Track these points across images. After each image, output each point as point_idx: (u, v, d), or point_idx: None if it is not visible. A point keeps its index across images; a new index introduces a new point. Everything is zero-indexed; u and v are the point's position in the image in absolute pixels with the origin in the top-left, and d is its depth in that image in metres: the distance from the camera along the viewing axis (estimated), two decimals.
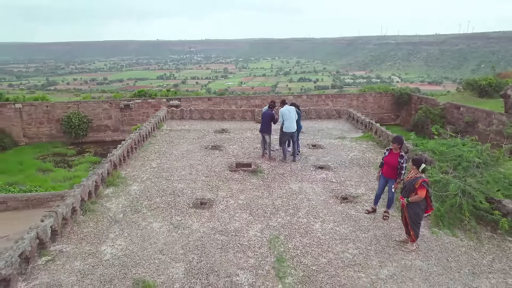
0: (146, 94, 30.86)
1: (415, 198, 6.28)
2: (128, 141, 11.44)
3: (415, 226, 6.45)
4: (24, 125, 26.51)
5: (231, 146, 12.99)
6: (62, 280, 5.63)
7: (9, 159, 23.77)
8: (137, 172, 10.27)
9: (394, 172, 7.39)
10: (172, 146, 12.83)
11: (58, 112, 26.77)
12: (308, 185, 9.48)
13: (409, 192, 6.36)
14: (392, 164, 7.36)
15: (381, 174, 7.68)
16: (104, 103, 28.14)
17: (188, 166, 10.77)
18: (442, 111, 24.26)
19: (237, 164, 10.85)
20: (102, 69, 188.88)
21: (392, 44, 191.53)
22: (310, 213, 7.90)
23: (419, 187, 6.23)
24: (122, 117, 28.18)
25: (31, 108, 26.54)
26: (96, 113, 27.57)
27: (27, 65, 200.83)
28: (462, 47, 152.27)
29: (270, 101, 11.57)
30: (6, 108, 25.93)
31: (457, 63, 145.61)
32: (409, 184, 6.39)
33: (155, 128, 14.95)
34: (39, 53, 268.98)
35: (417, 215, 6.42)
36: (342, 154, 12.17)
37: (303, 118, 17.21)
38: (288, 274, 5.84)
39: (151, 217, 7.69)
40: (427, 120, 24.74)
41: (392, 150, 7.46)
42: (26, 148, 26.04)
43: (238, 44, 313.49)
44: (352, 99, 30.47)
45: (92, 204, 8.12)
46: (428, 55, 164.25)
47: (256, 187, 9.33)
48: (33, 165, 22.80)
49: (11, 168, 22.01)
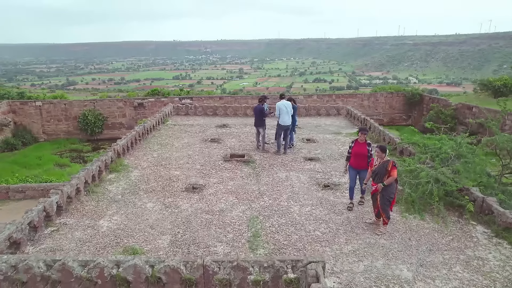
0: (159, 93, 31.80)
1: (390, 180, 6.78)
2: (133, 133, 12.35)
3: (387, 207, 6.97)
4: (43, 122, 27.72)
5: (229, 139, 13.75)
6: (64, 245, 6.50)
7: (29, 154, 25.04)
8: (139, 161, 11.16)
9: (364, 162, 7.82)
10: (174, 139, 13.70)
11: (75, 110, 27.87)
12: (294, 174, 10.14)
13: (382, 177, 6.87)
14: (362, 153, 7.83)
15: (349, 166, 8.08)
16: (119, 101, 29.08)
17: (186, 156, 11.59)
18: (454, 112, 24.00)
19: (231, 155, 11.60)
20: (120, 69, 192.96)
21: (409, 44, 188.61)
22: (291, 198, 8.57)
23: (392, 168, 6.78)
24: (136, 115, 29.08)
25: (50, 106, 27.75)
26: (111, 111, 28.54)
27: (49, 65, 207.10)
28: (483, 47, 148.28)
29: (260, 96, 12.25)
30: (27, 106, 27.23)
31: (477, 63, 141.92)
32: (381, 169, 6.91)
33: (160, 122, 15.86)
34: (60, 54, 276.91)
35: (389, 197, 6.92)
36: (334, 147, 12.76)
37: (303, 115, 17.88)
38: (261, 247, 6.54)
39: (146, 198, 8.52)
40: (439, 120, 24.58)
41: (358, 140, 7.94)
42: (45, 144, 27.23)
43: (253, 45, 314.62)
44: (363, 99, 30.30)
45: (95, 186, 9.02)
46: (447, 56, 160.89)
47: (246, 175, 10.05)
48: (51, 160, 23.94)
49: (30, 163, 23.26)
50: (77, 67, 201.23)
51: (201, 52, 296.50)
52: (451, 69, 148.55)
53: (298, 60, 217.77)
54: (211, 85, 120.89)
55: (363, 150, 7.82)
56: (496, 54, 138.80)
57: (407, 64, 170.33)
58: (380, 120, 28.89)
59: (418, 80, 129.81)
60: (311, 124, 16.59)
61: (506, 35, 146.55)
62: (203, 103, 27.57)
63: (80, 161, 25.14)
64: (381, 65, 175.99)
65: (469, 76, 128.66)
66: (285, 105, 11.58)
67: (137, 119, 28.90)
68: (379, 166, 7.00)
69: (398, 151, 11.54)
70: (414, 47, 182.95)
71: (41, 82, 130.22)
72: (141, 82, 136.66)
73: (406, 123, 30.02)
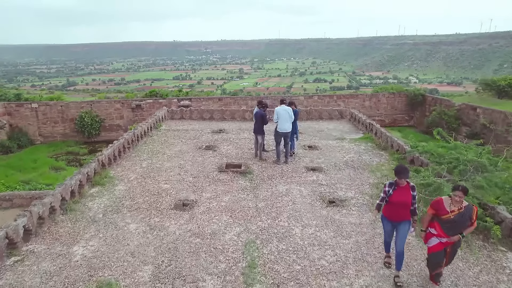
0: (157, 94, 31.12)
1: (470, 229, 5.23)
2: (120, 141, 11.41)
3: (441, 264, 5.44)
4: (39, 124, 27.08)
5: (225, 146, 12.81)
6: (26, 281, 5.55)
7: (24, 157, 24.36)
8: (126, 172, 10.21)
9: (406, 212, 5.55)
10: (166, 146, 12.75)
11: (72, 111, 27.27)
12: (296, 187, 9.20)
13: (462, 226, 5.16)
14: (405, 203, 5.48)
15: (384, 217, 5.77)
16: (116, 103, 28.48)
17: (178, 167, 10.64)
18: (457, 112, 23.20)
19: (227, 164, 10.66)
20: (120, 69, 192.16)
21: (409, 44, 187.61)
22: (293, 217, 7.63)
23: (475, 216, 5.18)
24: (133, 117, 28.49)
25: (46, 107, 27.11)
26: (109, 112, 27.93)
27: (49, 66, 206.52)
28: (483, 47, 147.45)
29: (258, 101, 11.30)
30: (23, 108, 26.59)
31: (478, 63, 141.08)
32: (463, 217, 5.11)
33: (153, 127, 14.92)
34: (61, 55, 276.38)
35: (458, 248, 5.54)
36: (338, 156, 11.81)
37: (304, 119, 16.94)
38: (257, 281, 5.59)
39: (129, 218, 7.58)
40: (442, 121, 23.83)
41: (398, 184, 5.52)
42: (41, 146, 26.55)
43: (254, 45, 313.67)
44: (364, 99, 29.63)
45: (75, 203, 8.08)
46: (447, 55, 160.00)
47: (242, 188, 9.10)
48: (46, 163, 23.19)
49: (25, 166, 22.54)
50: (78, 67, 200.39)
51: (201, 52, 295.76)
52: (451, 68, 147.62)
53: (298, 60, 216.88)
54: (211, 86, 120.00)
55: (407, 197, 5.47)
56: (496, 54, 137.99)
57: (407, 63, 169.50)
58: (382, 121, 28.35)
59: (419, 80, 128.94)
60: (312, 128, 15.64)
61: (507, 35, 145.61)
62: (202, 104, 27.03)
63: (76, 164, 24.40)
64: (381, 65, 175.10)
65: (469, 76, 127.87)
66: (285, 110, 10.65)
67: (135, 121, 28.18)
68: (459, 213, 5.12)
69: (408, 159, 10.60)
70: (414, 47, 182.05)
71: (42, 83, 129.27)
72: (141, 83, 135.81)
73: (408, 124, 29.40)
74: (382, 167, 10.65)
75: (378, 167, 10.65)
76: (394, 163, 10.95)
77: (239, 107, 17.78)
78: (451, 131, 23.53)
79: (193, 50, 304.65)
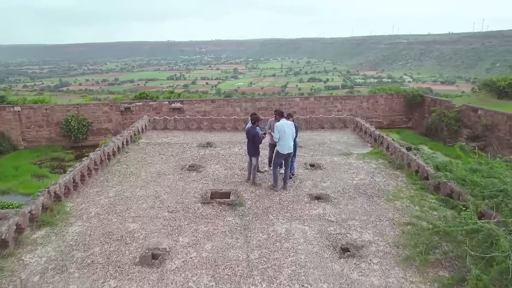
0: (147, 97, 29.81)
1: None
2: (85, 163, 9.42)
3: None
4: (23, 128, 25.59)
5: (212, 165, 10.87)
6: None
7: (6, 164, 22.66)
8: (87, 205, 8.23)
9: None
10: (143, 166, 10.79)
11: (58, 115, 25.87)
12: (298, 226, 7.29)
13: None
14: None
15: None
16: (105, 105, 27.11)
17: (153, 196, 8.68)
18: (458, 114, 22.14)
19: (212, 193, 8.72)
20: (114, 70, 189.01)
21: (403, 43, 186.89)
22: (296, 276, 5.72)
23: None
24: (123, 120, 27.14)
25: (30, 111, 25.65)
26: (96, 116, 26.62)
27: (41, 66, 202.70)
28: (476, 46, 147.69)
29: (251, 114, 9.36)
30: (5, 111, 25.00)
31: (471, 62, 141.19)
32: None
33: (130, 141, 12.94)
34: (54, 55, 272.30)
35: None
36: (346, 177, 9.93)
37: (303, 129, 15.09)
38: None
39: (77, 281, 5.61)
40: (442, 123, 22.87)
41: None
42: (24, 152, 25.03)
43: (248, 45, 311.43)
44: (362, 101, 28.45)
45: (4, 258, 6.10)
46: (441, 55, 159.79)
47: (231, 229, 7.17)
48: (29, 171, 21.61)
49: (6, 174, 20.81)
50: (71, 68, 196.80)
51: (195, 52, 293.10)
52: (445, 67, 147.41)
53: (293, 60, 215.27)
54: (206, 86, 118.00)
55: None
56: (489, 53, 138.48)
57: (401, 63, 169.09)
58: (380, 122, 27.39)
59: (413, 79, 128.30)
60: (313, 141, 13.75)
61: (499, 34, 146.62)
62: (194, 107, 25.71)
63: (60, 171, 22.71)
64: (376, 64, 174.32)
65: (462, 75, 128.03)
66: (287, 126, 8.74)
67: (124, 124, 26.71)
68: None
69: (432, 186, 8.75)
70: (408, 46, 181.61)
71: (34, 83, 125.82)
72: (135, 83, 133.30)
73: (407, 125, 28.45)
74: (400, 194, 8.79)
75: (396, 194, 8.79)
76: (414, 188, 9.11)
77: (230, 117, 15.84)
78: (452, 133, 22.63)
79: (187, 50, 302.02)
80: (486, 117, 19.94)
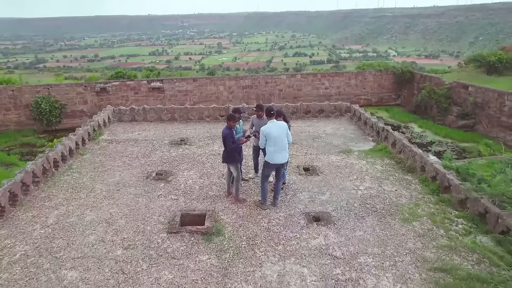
0: (124, 76, 27.42)
1: None
2: (18, 177, 7.30)
3: None
4: None
5: (186, 171, 8.90)
6: None
7: None
8: (13, 240, 6.21)
9: None
10: (99, 174, 8.73)
11: (27, 97, 23.57)
12: (294, 267, 5.50)
13: None
14: None
15: None
16: (78, 86, 24.94)
17: (105, 221, 6.72)
18: (448, 91, 21.21)
19: (183, 216, 6.81)
20: (93, 45, 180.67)
21: (389, 17, 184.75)
22: None
23: None
24: (99, 101, 24.99)
25: None
26: (70, 97, 24.52)
27: (14, 42, 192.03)
28: (460, 19, 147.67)
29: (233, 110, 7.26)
30: None
31: (455, 36, 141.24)
32: None
33: (89, 139, 10.78)
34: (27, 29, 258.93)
35: None
36: (348, 186, 8.14)
37: (294, 118, 13.16)
38: None
39: None
40: (431, 101, 21.96)
41: None
42: None
43: (232, 18, 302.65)
44: (350, 77, 27.04)
45: None
46: (425, 28, 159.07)
47: (204, 276, 5.33)
48: None
49: None
50: (46, 43, 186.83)
51: (177, 26, 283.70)
52: (429, 41, 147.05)
53: (278, 34, 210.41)
54: (189, 61, 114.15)
55: None
56: (472, 26, 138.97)
57: (386, 37, 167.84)
58: (369, 100, 26.57)
59: (398, 53, 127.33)
60: (306, 133, 11.86)
61: (483, 7, 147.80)
62: (175, 86, 23.96)
63: (31, 158, 20.52)
64: (361, 38, 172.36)
65: (446, 49, 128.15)
66: (277, 127, 6.79)
67: (100, 106, 24.72)
68: None
69: (457, 198, 7.08)
70: (393, 20, 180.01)
71: (7, 60, 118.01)
72: (116, 59, 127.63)
73: (396, 102, 27.40)
74: (418, 210, 7.08)
75: (412, 211, 7.08)
76: (433, 200, 7.44)
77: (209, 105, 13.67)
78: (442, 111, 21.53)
79: (169, 24, 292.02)
80: (477, 94, 19.22)
